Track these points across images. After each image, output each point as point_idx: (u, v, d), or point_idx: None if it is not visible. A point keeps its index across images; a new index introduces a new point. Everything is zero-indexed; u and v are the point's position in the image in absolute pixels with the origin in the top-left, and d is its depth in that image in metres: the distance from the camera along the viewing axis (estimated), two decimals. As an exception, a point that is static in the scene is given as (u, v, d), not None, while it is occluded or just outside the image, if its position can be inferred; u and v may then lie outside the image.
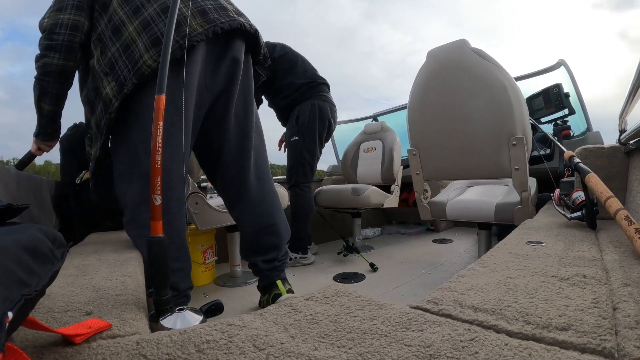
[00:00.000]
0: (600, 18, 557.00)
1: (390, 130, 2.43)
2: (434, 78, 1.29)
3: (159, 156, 0.62)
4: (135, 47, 0.85)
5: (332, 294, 0.53)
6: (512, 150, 1.15)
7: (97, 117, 0.89)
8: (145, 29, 0.87)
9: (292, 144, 1.93)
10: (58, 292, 0.58)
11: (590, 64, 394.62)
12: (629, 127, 1.06)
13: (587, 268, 0.57)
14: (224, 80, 0.99)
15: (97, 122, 0.89)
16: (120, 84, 0.84)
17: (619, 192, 1.11)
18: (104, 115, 0.87)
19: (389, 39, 21.59)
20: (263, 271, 1.08)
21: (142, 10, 0.88)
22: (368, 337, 0.39)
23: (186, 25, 0.86)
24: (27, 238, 0.35)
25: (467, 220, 1.39)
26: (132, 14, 0.88)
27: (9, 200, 0.44)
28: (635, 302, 0.41)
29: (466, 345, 0.35)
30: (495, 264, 0.63)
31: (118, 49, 0.87)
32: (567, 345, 0.35)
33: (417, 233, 2.72)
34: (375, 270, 1.73)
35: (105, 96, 0.86)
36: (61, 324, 0.45)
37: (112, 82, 0.86)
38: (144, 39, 0.86)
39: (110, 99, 0.85)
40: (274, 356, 0.35)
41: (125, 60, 0.85)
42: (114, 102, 0.84)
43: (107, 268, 0.76)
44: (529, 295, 0.47)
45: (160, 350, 0.37)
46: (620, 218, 0.67)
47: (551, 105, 1.95)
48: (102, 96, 0.87)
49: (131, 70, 0.84)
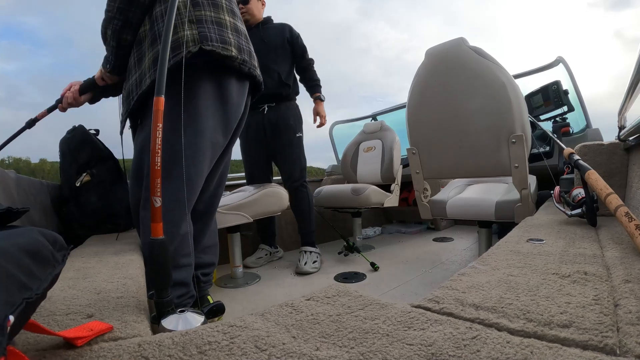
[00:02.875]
0: (595, 17, 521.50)
1: (389, 129, 2.43)
2: (433, 77, 1.29)
3: (158, 158, 0.62)
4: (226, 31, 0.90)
5: (333, 294, 0.53)
6: (512, 148, 1.15)
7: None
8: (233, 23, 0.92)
9: (296, 140, 1.90)
10: (59, 295, 0.58)
11: (585, 63, 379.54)
12: (628, 124, 1.06)
13: (588, 265, 0.57)
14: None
15: None
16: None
17: (619, 188, 1.11)
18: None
19: (385, 36, 21.65)
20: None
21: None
22: (370, 336, 0.39)
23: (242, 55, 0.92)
24: (27, 241, 0.35)
25: (467, 218, 1.39)
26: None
27: (9, 204, 0.44)
28: (637, 298, 0.41)
29: (468, 344, 0.35)
30: (496, 262, 0.63)
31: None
32: (568, 343, 0.35)
33: (417, 232, 2.72)
34: (376, 269, 1.73)
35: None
36: (63, 327, 0.45)
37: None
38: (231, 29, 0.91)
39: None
40: (275, 357, 0.35)
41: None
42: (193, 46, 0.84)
43: (108, 270, 0.76)
44: (530, 293, 0.47)
45: (162, 352, 0.37)
46: (620, 215, 0.67)
47: (550, 103, 1.95)
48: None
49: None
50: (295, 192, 1.89)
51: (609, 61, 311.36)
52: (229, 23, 0.92)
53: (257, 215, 1.68)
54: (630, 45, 22.62)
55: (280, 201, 1.77)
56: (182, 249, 0.87)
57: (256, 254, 2.00)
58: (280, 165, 1.93)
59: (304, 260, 1.80)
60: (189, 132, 0.85)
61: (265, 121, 1.87)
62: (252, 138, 1.92)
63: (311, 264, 1.80)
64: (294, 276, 1.74)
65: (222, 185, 1.11)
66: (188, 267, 0.88)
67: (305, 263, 1.79)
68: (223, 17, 0.91)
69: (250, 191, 1.72)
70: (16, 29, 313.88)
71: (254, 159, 1.98)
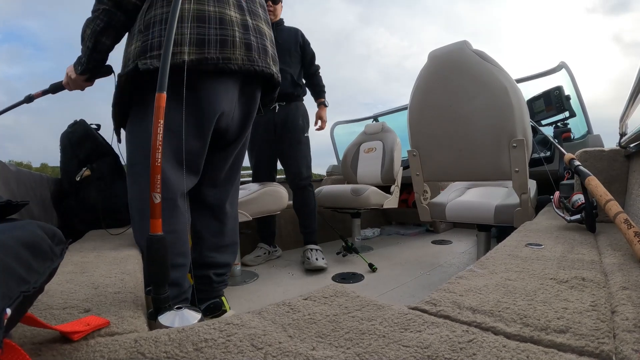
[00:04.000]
0: (594, 22, 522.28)
1: (390, 130, 2.43)
2: (435, 79, 1.29)
3: (159, 154, 0.62)
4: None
5: (331, 294, 0.53)
6: (513, 152, 1.15)
7: None
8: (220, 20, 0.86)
9: (305, 140, 1.92)
10: (57, 289, 0.58)
11: (585, 67, 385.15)
12: (629, 131, 1.06)
13: (586, 271, 0.57)
14: (240, 114, 0.99)
15: None
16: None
17: (618, 195, 1.11)
18: None
19: (385, 43, 21.39)
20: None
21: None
22: (366, 337, 0.39)
23: (233, 51, 0.86)
24: (26, 235, 0.35)
25: (466, 221, 1.39)
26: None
27: (9, 197, 0.44)
28: (634, 305, 0.41)
29: (464, 347, 0.35)
30: (494, 265, 0.63)
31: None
32: (565, 348, 0.35)
33: (416, 234, 2.72)
34: (374, 270, 1.73)
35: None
36: (59, 321, 0.45)
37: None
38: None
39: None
40: (271, 355, 0.35)
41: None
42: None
43: (106, 265, 0.76)
44: (528, 297, 0.47)
45: (159, 349, 0.37)
46: (619, 221, 0.67)
47: (552, 108, 1.95)
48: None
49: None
50: (301, 190, 1.90)
51: (608, 65, 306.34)
52: (212, 14, 0.86)
53: (256, 213, 1.68)
54: (629, 49, 22.36)
55: (280, 200, 1.77)
56: (176, 247, 0.84)
57: (254, 252, 2.00)
58: (288, 163, 1.93)
59: (314, 257, 1.80)
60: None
61: (276, 119, 1.88)
62: (260, 136, 1.91)
63: (321, 259, 1.80)
64: (292, 275, 1.74)
65: (233, 181, 1.08)
66: (182, 268, 0.86)
67: (316, 259, 1.79)
68: (207, 7, 0.86)
69: (251, 189, 1.72)
70: (18, 32, 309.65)
71: (260, 157, 1.98)
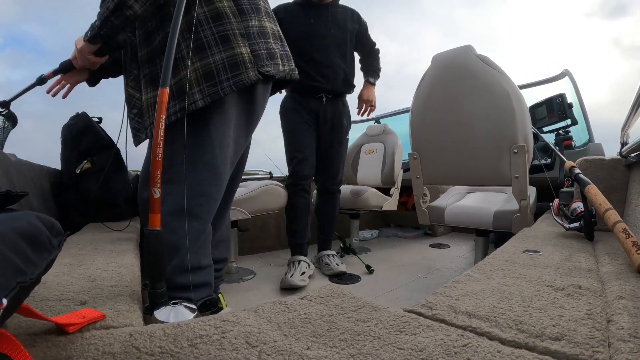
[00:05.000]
0: (593, 26, 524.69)
1: (392, 133, 2.43)
2: (438, 83, 1.29)
3: (160, 149, 0.62)
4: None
5: (327, 294, 0.53)
6: (513, 158, 1.15)
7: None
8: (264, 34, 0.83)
9: (346, 142, 1.77)
10: (53, 281, 0.58)
11: (584, 71, 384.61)
12: (631, 140, 1.06)
13: (582, 279, 0.57)
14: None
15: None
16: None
17: (618, 204, 1.11)
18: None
19: (385, 50, 21.63)
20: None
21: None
22: (361, 338, 0.39)
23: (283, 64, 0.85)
24: (24, 225, 0.35)
25: (465, 226, 1.39)
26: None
27: (8, 187, 0.44)
28: (630, 315, 0.41)
29: (459, 351, 0.35)
30: (491, 271, 0.64)
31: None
32: (559, 355, 0.35)
33: (414, 237, 2.72)
34: (371, 272, 1.73)
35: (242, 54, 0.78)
36: (55, 313, 0.45)
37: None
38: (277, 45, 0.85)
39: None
40: (266, 353, 0.35)
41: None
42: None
43: (103, 259, 0.77)
44: (524, 303, 0.47)
45: (153, 343, 0.37)
46: (618, 230, 0.67)
47: (554, 115, 1.95)
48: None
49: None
50: (331, 195, 1.77)
51: (607, 69, 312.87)
52: (270, 30, 0.84)
53: (255, 212, 1.68)
54: (628, 52, 22.15)
55: (279, 199, 1.77)
56: (205, 247, 0.81)
57: (298, 269, 1.60)
58: (326, 164, 1.72)
59: (334, 262, 1.72)
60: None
61: (321, 111, 1.65)
62: (306, 122, 1.66)
63: (341, 264, 1.73)
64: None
65: (239, 179, 1.06)
66: (210, 268, 0.83)
67: (337, 264, 1.71)
68: (265, 24, 0.82)
69: (250, 187, 1.72)
70: (20, 37, 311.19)
71: (307, 151, 1.66)
